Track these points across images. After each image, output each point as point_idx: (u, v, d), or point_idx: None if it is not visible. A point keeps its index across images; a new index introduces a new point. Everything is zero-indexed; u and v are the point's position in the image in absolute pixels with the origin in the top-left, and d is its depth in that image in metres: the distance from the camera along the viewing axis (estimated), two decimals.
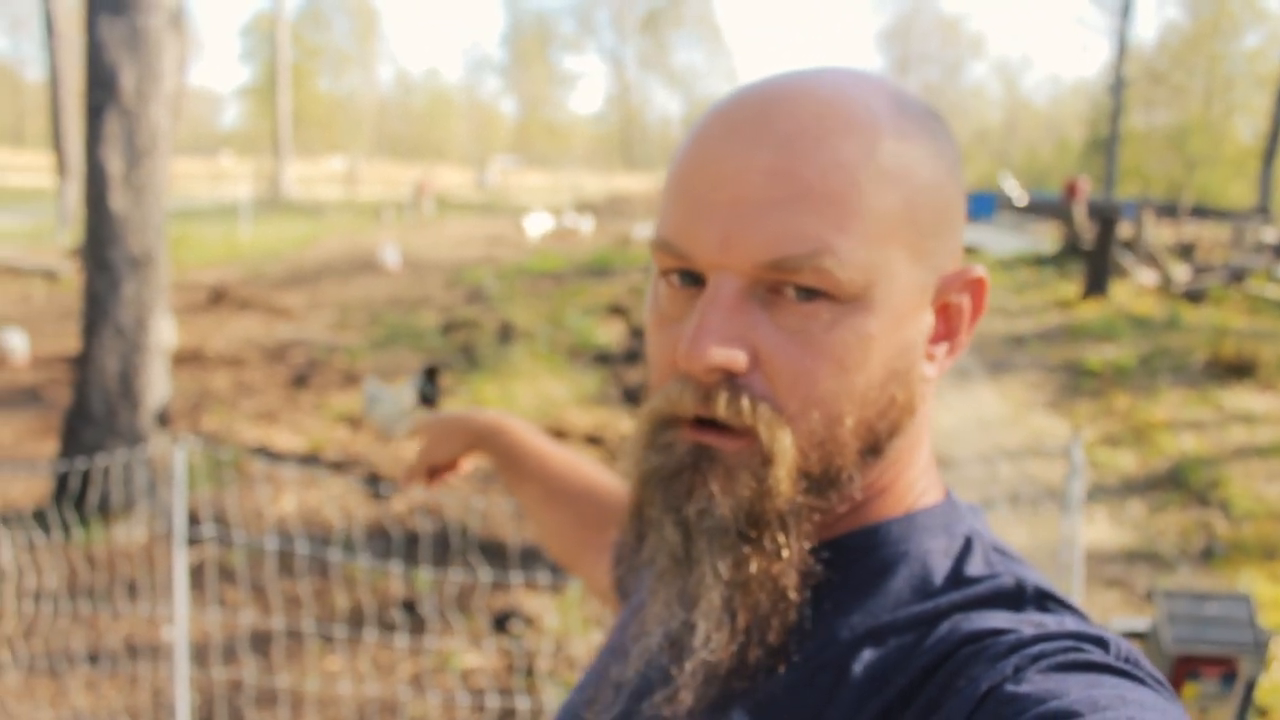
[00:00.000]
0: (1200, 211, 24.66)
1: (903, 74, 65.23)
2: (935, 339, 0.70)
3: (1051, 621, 0.63)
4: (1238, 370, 9.27)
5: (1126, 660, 0.60)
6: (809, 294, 0.63)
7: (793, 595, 0.67)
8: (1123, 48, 29.83)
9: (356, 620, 4.29)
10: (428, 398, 6.50)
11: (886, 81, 0.69)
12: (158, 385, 5.86)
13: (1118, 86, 29.28)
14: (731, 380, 0.64)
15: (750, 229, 0.62)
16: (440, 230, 22.98)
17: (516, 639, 4.35)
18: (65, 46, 19.52)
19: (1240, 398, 8.74)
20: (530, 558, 4.88)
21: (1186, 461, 7.14)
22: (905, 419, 0.69)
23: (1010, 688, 0.57)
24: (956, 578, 0.68)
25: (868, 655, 0.66)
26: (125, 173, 5.62)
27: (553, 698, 3.90)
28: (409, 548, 4.99)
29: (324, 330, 11.21)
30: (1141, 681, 0.59)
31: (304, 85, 53.74)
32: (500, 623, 4.48)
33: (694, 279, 0.67)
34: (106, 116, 5.58)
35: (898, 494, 0.72)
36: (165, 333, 6.00)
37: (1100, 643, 0.61)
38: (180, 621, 3.35)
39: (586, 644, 4.37)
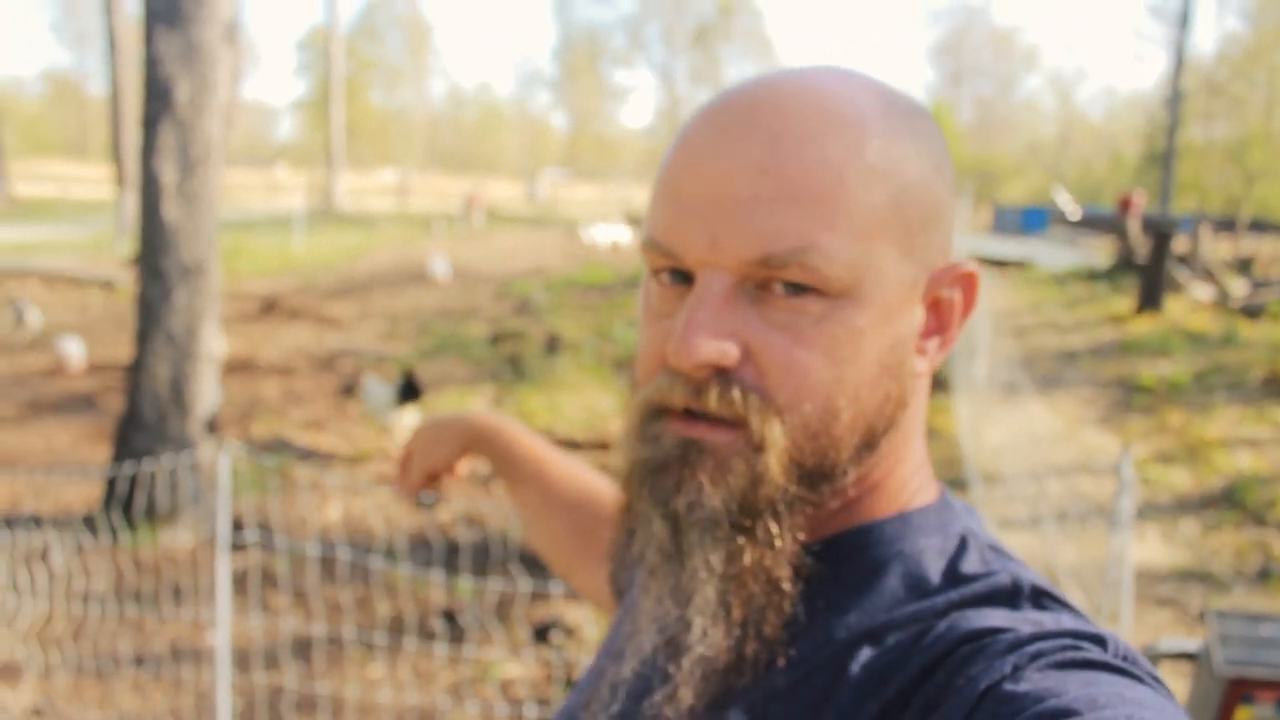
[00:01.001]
0: (1259, 225, 24.20)
1: (955, 88, 64.75)
2: (926, 334, 0.70)
3: (1049, 619, 0.63)
4: None
5: (1124, 658, 0.60)
6: (797, 289, 0.64)
7: (786, 587, 0.66)
8: (1180, 59, 29.36)
9: (397, 628, 4.31)
10: (406, 396, 7.17)
11: (873, 80, 0.69)
12: (208, 392, 5.94)
13: (1175, 99, 28.82)
14: (722, 373, 0.65)
15: (737, 227, 0.63)
16: (490, 242, 23.14)
17: (557, 649, 4.34)
18: (126, 61, 19.93)
19: None
20: None
21: (1243, 480, 6.99)
22: (898, 413, 0.69)
23: (1008, 686, 0.57)
24: (953, 576, 0.68)
25: (865, 655, 0.65)
26: (179, 182, 5.72)
27: None
28: (450, 557, 5.01)
29: (373, 340, 11.32)
30: (1139, 679, 0.59)
31: (357, 98, 54.37)
32: (541, 633, 4.48)
33: (683, 277, 0.68)
34: (161, 127, 5.69)
35: (891, 492, 0.72)
36: (216, 341, 6.09)
37: (1098, 640, 0.61)
38: (223, 626, 3.38)
39: None
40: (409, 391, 7.20)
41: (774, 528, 0.66)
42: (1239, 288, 14.22)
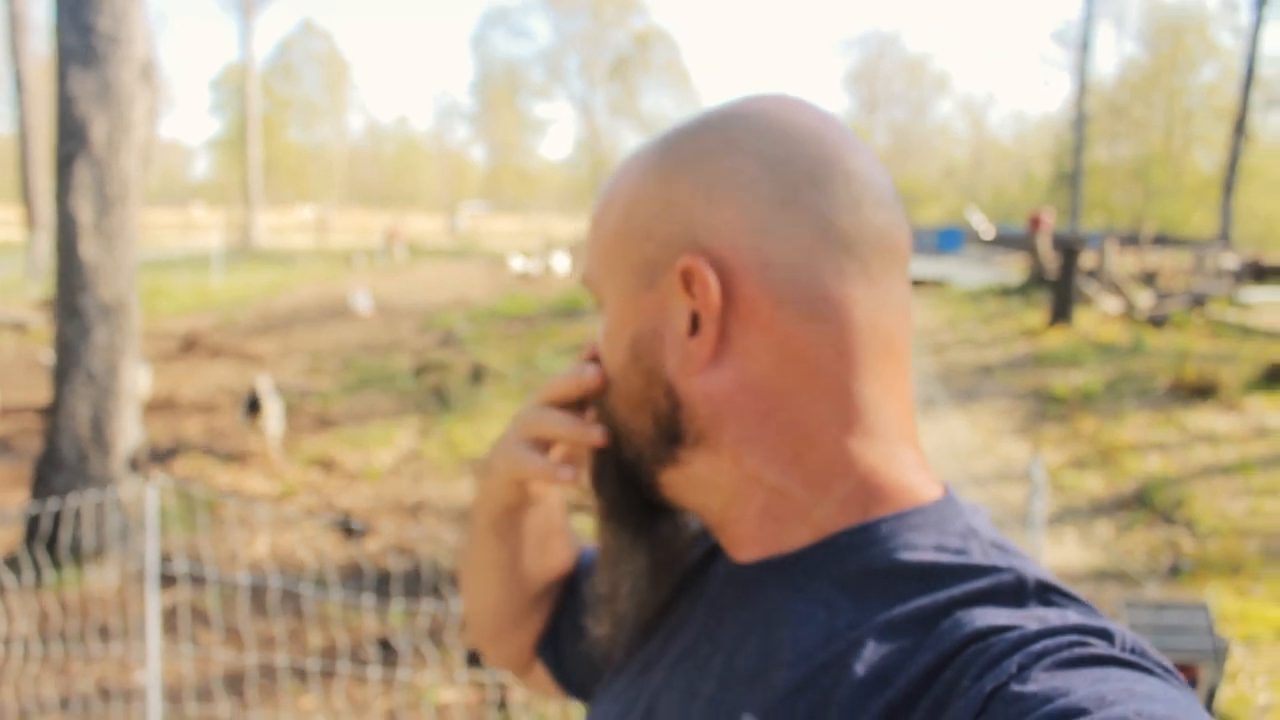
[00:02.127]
0: (1162, 240, 25.03)
1: (870, 114, 66.02)
2: (690, 334, 0.73)
3: (1055, 616, 0.62)
4: (1200, 392, 9.42)
5: (1132, 651, 0.59)
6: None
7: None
8: (1084, 83, 30.33)
9: (330, 657, 4.30)
10: (251, 410, 8.07)
11: (712, 121, 0.76)
12: (129, 431, 5.87)
13: (1080, 121, 29.74)
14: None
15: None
16: (412, 276, 23.03)
17: (490, 671, 4.36)
18: (34, 101, 19.55)
19: (1203, 419, 8.88)
20: None
21: (1152, 482, 7.24)
22: (671, 405, 0.75)
23: (1015, 687, 0.56)
24: (954, 571, 0.67)
25: (868, 654, 0.65)
26: (96, 221, 5.67)
27: None
28: (382, 585, 5.01)
29: (296, 376, 11.22)
30: (1149, 671, 0.58)
31: (274, 135, 53.80)
32: (474, 656, 4.50)
33: None
34: (77, 166, 5.64)
35: (887, 491, 0.72)
36: (138, 379, 6.02)
37: (1105, 635, 0.60)
38: (154, 661, 3.36)
39: None
40: (253, 406, 8.08)
41: (605, 482, 0.81)
42: (1144, 299, 14.72)
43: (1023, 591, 0.65)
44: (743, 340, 0.71)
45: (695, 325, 0.72)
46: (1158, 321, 13.26)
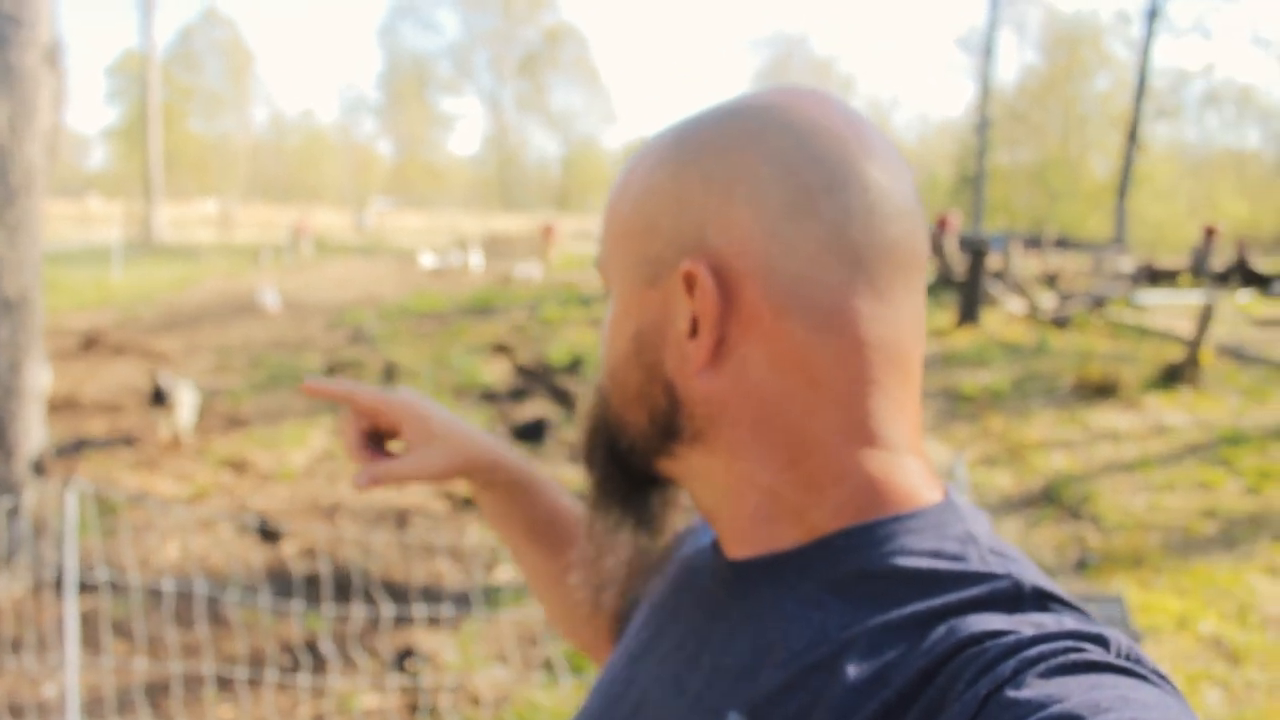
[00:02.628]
0: (1063, 243, 25.78)
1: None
2: (691, 335, 0.72)
3: (1051, 621, 0.62)
4: (1102, 391, 9.73)
5: (1128, 658, 0.60)
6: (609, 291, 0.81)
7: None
8: (986, 89, 31.08)
9: (256, 664, 4.21)
10: (157, 400, 8.18)
11: (699, 125, 0.75)
12: (34, 433, 5.66)
13: (983, 125, 30.47)
14: None
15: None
16: (319, 272, 22.63)
17: (413, 676, 4.31)
18: None
19: (1105, 417, 9.17)
20: (430, 596, 4.85)
21: (1059, 479, 7.45)
22: (669, 403, 0.76)
23: (1010, 692, 0.56)
24: (951, 577, 0.67)
25: (861, 656, 0.65)
26: None
27: None
28: (306, 589, 4.91)
29: (204, 375, 10.94)
30: (1144, 679, 0.58)
31: (175, 126, 52.43)
32: (402, 662, 4.44)
33: None
34: None
35: (885, 493, 0.71)
36: (41, 378, 5.80)
37: (1100, 641, 0.60)
38: (72, 673, 3.25)
39: (488, 679, 4.36)
40: (158, 397, 8.18)
41: (595, 465, 0.83)
42: (1048, 301, 15.14)
43: (1019, 597, 0.65)
44: (742, 347, 0.71)
45: (695, 328, 0.72)
46: (1060, 322, 13.65)
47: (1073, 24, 49.54)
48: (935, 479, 0.75)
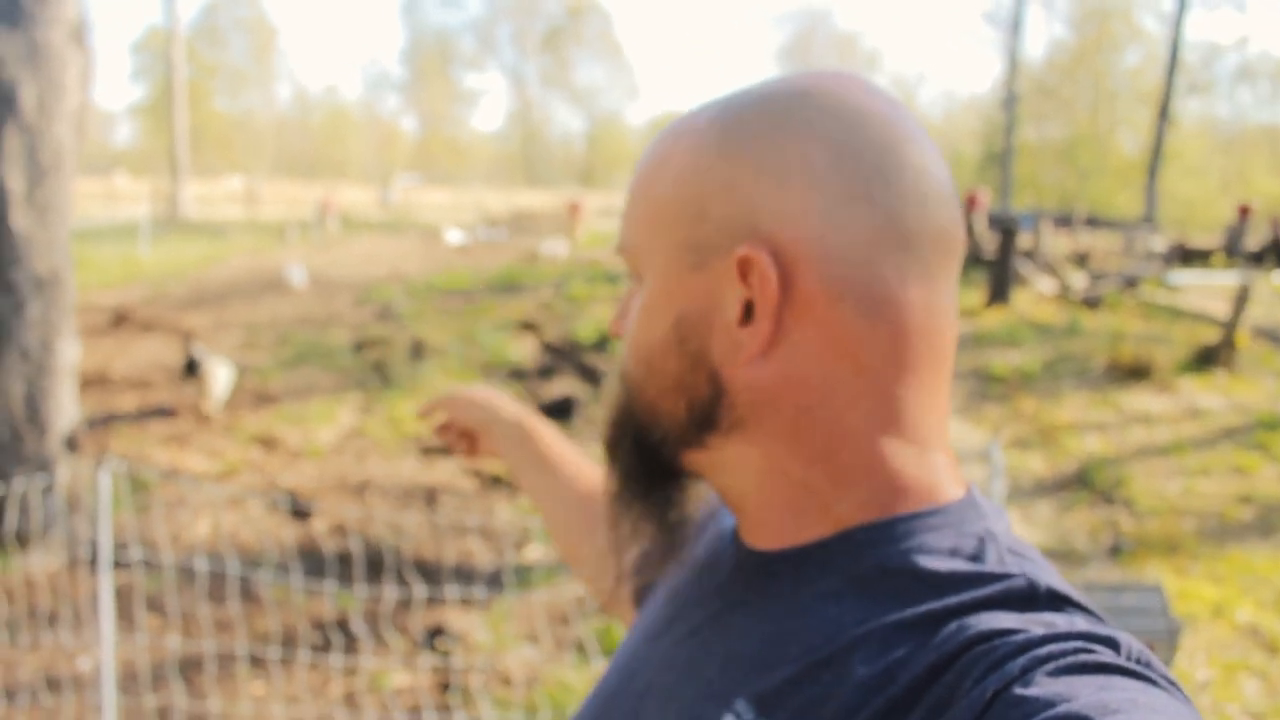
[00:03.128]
0: (1093, 221, 25.53)
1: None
2: (741, 322, 0.71)
3: (1062, 621, 0.62)
4: (1135, 373, 9.62)
5: (1138, 661, 0.60)
6: (637, 277, 0.79)
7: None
8: (1014, 64, 30.74)
9: (288, 642, 4.21)
10: (189, 371, 8.81)
11: (738, 102, 0.74)
12: (66, 409, 5.68)
13: (1010, 101, 30.17)
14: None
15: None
16: (346, 249, 22.67)
17: (444, 655, 4.31)
18: None
19: (1138, 399, 9.08)
20: (460, 575, 4.85)
21: (1092, 462, 7.38)
22: (713, 392, 0.75)
23: (1018, 690, 0.56)
24: (967, 577, 0.67)
25: (871, 651, 0.65)
26: (28, 191, 5.45)
27: (488, 714, 3.87)
28: (337, 567, 4.91)
29: (232, 351, 10.97)
30: (1154, 683, 0.58)
31: (200, 103, 52.56)
32: (432, 640, 4.44)
33: None
34: (6, 133, 5.41)
35: (905, 488, 0.71)
36: (72, 355, 5.82)
37: (1111, 643, 0.60)
38: (107, 648, 3.25)
39: (519, 658, 4.35)
40: (191, 368, 8.74)
41: (619, 459, 0.81)
42: (1078, 281, 14.99)
43: (1033, 598, 0.65)
44: (795, 334, 0.70)
45: (748, 314, 0.71)
46: (1092, 303, 13.51)
47: None
48: (958, 474, 0.75)
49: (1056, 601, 0.65)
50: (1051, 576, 0.67)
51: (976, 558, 0.68)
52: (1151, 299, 14.14)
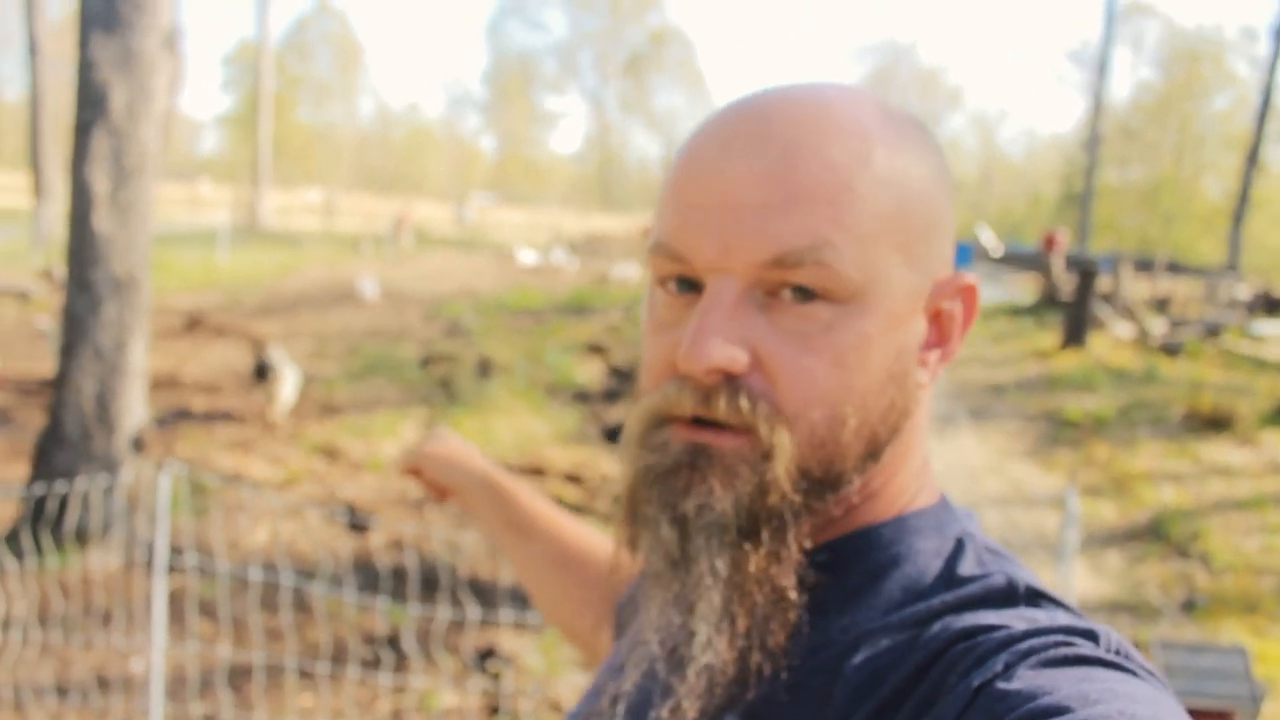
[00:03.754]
0: (1174, 267, 24.97)
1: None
2: (928, 345, 0.71)
3: (1043, 616, 0.64)
4: (1215, 424, 9.32)
5: (1117, 652, 0.60)
6: (806, 296, 0.65)
7: (791, 596, 0.67)
8: (1098, 104, 30.26)
9: (338, 656, 4.19)
10: (260, 375, 8.79)
11: (871, 94, 0.72)
12: (135, 410, 5.76)
13: (1093, 142, 29.67)
14: (730, 380, 0.66)
15: (750, 231, 0.64)
16: (419, 264, 22.92)
17: (494, 677, 4.25)
18: (47, 66, 19.40)
19: (1218, 451, 8.78)
20: (518, 596, 4.80)
21: (1167, 513, 7.14)
22: (902, 423, 0.70)
23: (1001, 684, 0.57)
24: (949, 578, 0.68)
25: (861, 657, 0.65)
26: (111, 192, 5.54)
27: None
28: (391, 583, 4.89)
29: (301, 360, 11.10)
30: (1133, 673, 0.58)
31: (285, 115, 53.67)
32: (483, 661, 4.39)
33: (690, 285, 0.69)
34: (94, 135, 5.52)
35: (890, 497, 0.72)
36: (143, 357, 5.90)
37: (1090, 636, 0.61)
38: (158, 652, 3.25)
39: (569, 685, 4.28)
40: (260, 372, 8.76)
41: (780, 536, 0.66)
42: (1158, 326, 14.62)
43: (1013, 595, 0.66)
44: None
45: (940, 336, 0.72)
46: (1171, 350, 13.15)
47: (1193, 39, 48.07)
48: (932, 476, 0.76)
49: (1035, 598, 0.66)
50: (1028, 575, 0.68)
51: (957, 558, 0.70)
52: (1234, 348, 13.72)
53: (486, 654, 4.43)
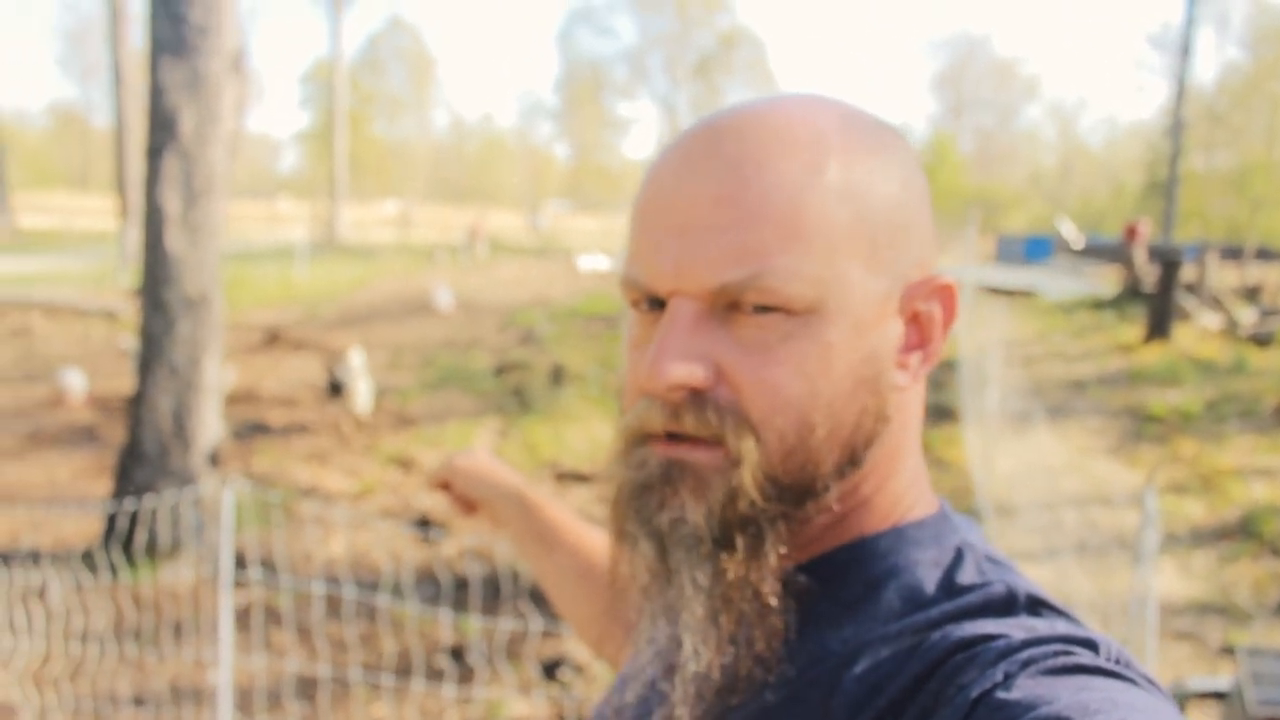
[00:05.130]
0: (1265, 254, 24.19)
1: (957, 118, 64.90)
2: (907, 348, 0.71)
3: (1042, 625, 0.63)
4: None
5: (1117, 661, 0.60)
6: (765, 308, 0.66)
7: (773, 602, 0.67)
8: (1182, 89, 29.43)
9: (404, 667, 4.21)
10: (334, 391, 9.34)
11: (836, 102, 0.71)
12: (210, 425, 5.87)
13: (1177, 128, 28.87)
14: (696, 395, 0.67)
15: (697, 255, 0.65)
16: (493, 273, 23.12)
17: (566, 687, 4.24)
18: (131, 93, 19.99)
19: None
20: None
21: (1259, 510, 6.89)
22: (878, 427, 0.70)
23: (1000, 694, 0.57)
24: (948, 588, 0.68)
25: (860, 668, 0.65)
26: (183, 213, 5.67)
27: None
28: (458, 593, 4.91)
29: (377, 371, 11.25)
30: (1133, 682, 0.58)
31: (360, 130, 54.50)
32: (550, 671, 4.38)
33: (659, 304, 0.70)
34: (165, 157, 5.65)
35: (883, 506, 0.72)
36: (220, 373, 6.02)
37: (1090, 645, 0.61)
38: (225, 665, 3.29)
39: None
40: (334, 389, 9.29)
41: (756, 543, 0.67)
42: (1247, 316, 14.15)
43: (1013, 603, 0.66)
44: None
45: (920, 339, 0.72)
46: (1262, 340, 12.71)
47: None
48: (929, 486, 0.76)
49: (1035, 606, 0.66)
50: (1029, 583, 0.68)
51: (956, 568, 0.69)
52: None
53: (555, 664, 4.42)
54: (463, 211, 54.13)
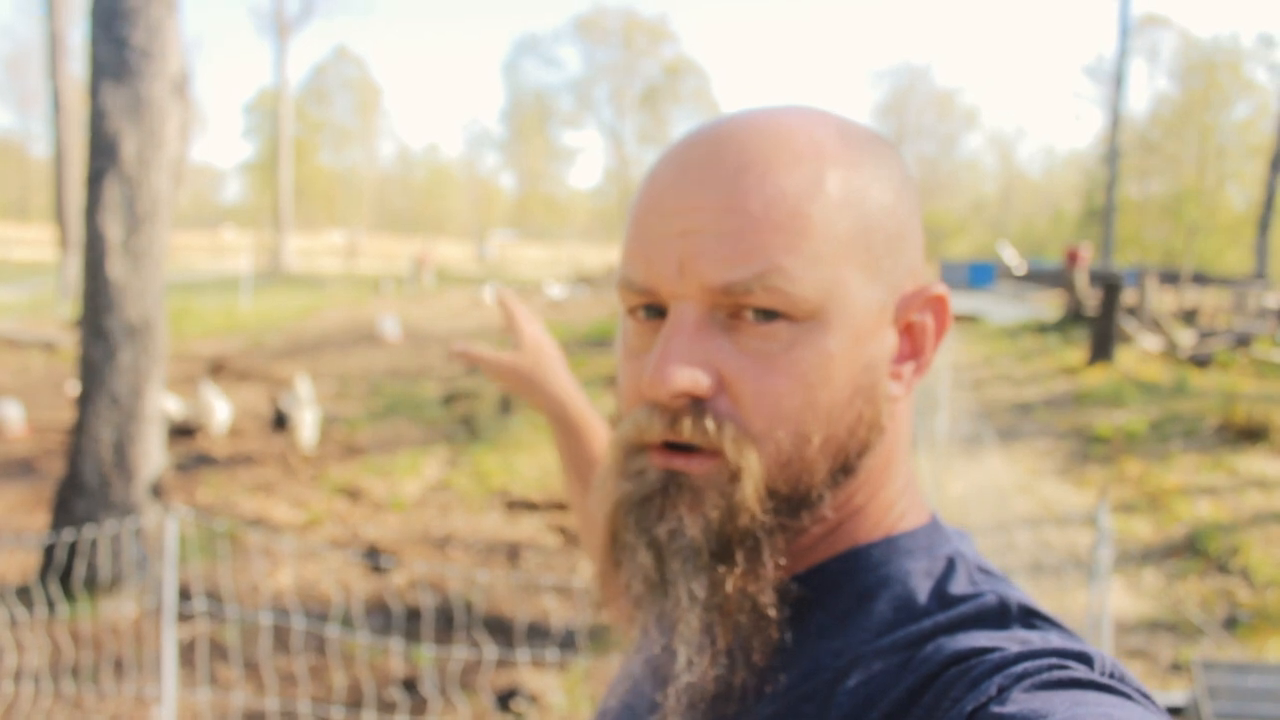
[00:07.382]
0: (1200, 278, 24.72)
1: (899, 147, 65.58)
2: (900, 358, 0.71)
3: (1036, 638, 0.63)
4: (1250, 435, 9.14)
5: (1111, 675, 0.60)
6: (767, 316, 0.65)
7: (771, 613, 0.67)
8: (1116, 118, 30.10)
9: (355, 700, 4.12)
10: (278, 425, 9.22)
11: (830, 113, 0.71)
12: (153, 456, 5.73)
13: (1113, 156, 29.49)
14: (696, 403, 0.66)
15: (703, 259, 0.65)
16: (440, 302, 22.97)
17: (520, 717, 4.17)
18: (71, 122, 19.68)
19: (1254, 463, 8.60)
20: (536, 634, 4.71)
21: (1204, 528, 6.98)
22: (874, 437, 0.70)
23: (995, 708, 0.56)
24: (940, 599, 0.68)
25: (853, 681, 0.65)
26: (124, 239, 5.55)
27: None
28: (410, 623, 4.82)
29: (324, 401, 11.09)
30: (1128, 697, 0.58)
31: (306, 160, 54.14)
32: (504, 701, 4.30)
33: (658, 312, 0.69)
34: (106, 183, 5.53)
35: (875, 516, 0.72)
36: (169, 402, 5.88)
37: (1084, 658, 0.60)
38: (168, 701, 3.19)
39: None
40: (279, 420, 9.20)
41: (755, 555, 0.66)
42: (1186, 338, 14.43)
43: (1006, 615, 0.66)
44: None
45: (912, 349, 0.71)
46: (1201, 361, 12.96)
47: (1210, 49, 47.74)
48: (921, 497, 0.76)
49: (1028, 617, 0.66)
50: (1021, 594, 0.68)
51: (948, 579, 0.69)
52: (1266, 357, 13.51)
53: (510, 694, 4.35)
54: (409, 241, 53.84)
